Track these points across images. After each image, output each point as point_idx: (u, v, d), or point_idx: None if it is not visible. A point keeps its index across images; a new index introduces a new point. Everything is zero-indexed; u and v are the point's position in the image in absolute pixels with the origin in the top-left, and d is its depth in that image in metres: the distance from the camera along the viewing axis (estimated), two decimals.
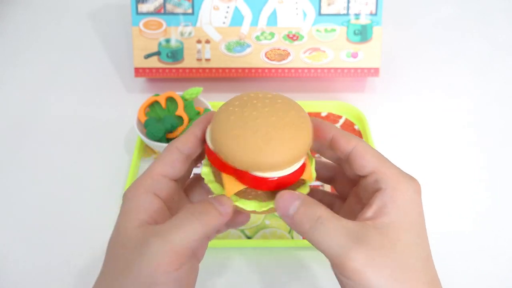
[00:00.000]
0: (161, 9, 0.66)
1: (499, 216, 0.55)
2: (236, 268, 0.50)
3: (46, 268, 0.50)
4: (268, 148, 0.30)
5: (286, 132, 0.31)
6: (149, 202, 0.32)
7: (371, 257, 0.28)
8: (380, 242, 0.29)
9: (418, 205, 0.31)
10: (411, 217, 0.30)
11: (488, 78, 0.73)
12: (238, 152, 0.30)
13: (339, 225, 0.29)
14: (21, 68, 0.75)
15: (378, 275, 0.28)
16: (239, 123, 0.31)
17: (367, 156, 0.33)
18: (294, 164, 0.32)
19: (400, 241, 0.29)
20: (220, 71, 0.67)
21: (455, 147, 0.62)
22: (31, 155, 0.61)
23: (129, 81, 0.71)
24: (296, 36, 0.66)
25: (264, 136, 0.30)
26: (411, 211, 0.31)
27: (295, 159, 0.31)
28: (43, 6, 0.87)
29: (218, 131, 0.32)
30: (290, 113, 0.32)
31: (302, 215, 0.30)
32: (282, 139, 0.30)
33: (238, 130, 0.31)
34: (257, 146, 0.30)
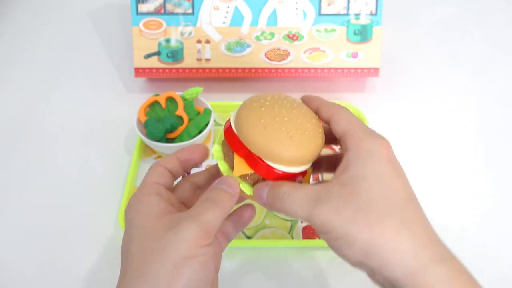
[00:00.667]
0: (161, 9, 0.66)
1: (499, 215, 0.55)
2: (236, 268, 0.50)
3: (46, 268, 0.50)
4: (289, 143, 0.34)
5: (306, 137, 0.35)
6: (157, 200, 0.35)
7: (333, 208, 0.32)
8: (340, 194, 0.32)
9: (382, 158, 0.33)
10: (373, 169, 0.33)
11: (488, 78, 0.73)
12: (261, 138, 0.34)
13: (301, 193, 0.33)
14: (21, 68, 0.75)
15: (340, 218, 0.31)
16: (269, 115, 0.35)
17: (340, 121, 0.36)
18: (302, 165, 0.35)
19: (360, 190, 0.32)
20: (220, 71, 0.67)
21: (455, 147, 0.62)
22: (31, 155, 0.61)
23: (129, 81, 0.71)
24: (296, 36, 0.66)
25: (288, 133, 0.34)
26: (373, 163, 0.33)
27: (306, 161, 0.35)
28: (43, 6, 0.87)
29: (247, 115, 0.35)
30: (312, 121, 0.36)
31: (272, 196, 0.35)
32: (302, 141, 0.34)
33: (267, 120, 0.34)
34: (280, 139, 0.34)
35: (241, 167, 0.36)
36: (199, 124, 0.57)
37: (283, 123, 0.34)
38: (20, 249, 0.51)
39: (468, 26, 0.82)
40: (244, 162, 0.35)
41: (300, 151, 0.34)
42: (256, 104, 0.36)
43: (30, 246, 0.51)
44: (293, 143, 0.34)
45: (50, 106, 0.68)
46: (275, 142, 0.34)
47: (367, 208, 0.31)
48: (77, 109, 0.67)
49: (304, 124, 0.35)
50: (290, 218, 0.53)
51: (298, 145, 0.34)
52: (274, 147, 0.34)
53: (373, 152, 0.34)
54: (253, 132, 0.34)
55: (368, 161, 0.33)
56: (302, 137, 0.34)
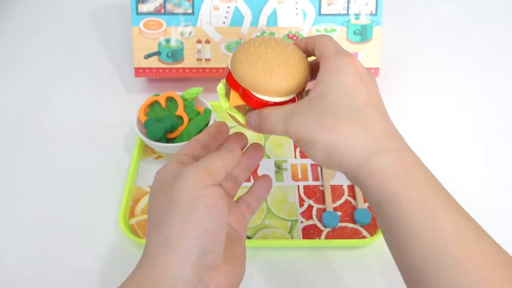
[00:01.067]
0: (161, 9, 0.66)
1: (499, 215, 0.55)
2: None
3: (46, 268, 0.50)
4: (269, 77, 0.39)
5: (287, 70, 0.40)
6: (174, 165, 0.37)
7: (302, 119, 0.37)
8: (308, 107, 0.37)
9: (347, 72, 0.37)
10: (337, 82, 0.37)
11: (488, 78, 0.73)
12: (247, 74, 0.40)
13: (278, 112, 0.39)
14: (21, 68, 0.75)
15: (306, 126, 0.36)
16: (254, 54, 0.41)
17: (319, 46, 0.40)
18: (284, 96, 0.41)
19: (325, 101, 0.37)
20: (220, 71, 0.67)
21: (455, 147, 0.62)
22: (31, 155, 0.61)
23: (129, 81, 0.71)
24: (296, 36, 0.66)
25: (269, 67, 0.40)
26: (338, 77, 0.37)
27: (288, 92, 0.40)
28: (43, 6, 0.87)
29: (237, 56, 0.41)
30: (295, 58, 0.41)
31: (258, 120, 0.40)
32: (282, 74, 0.40)
33: (252, 58, 0.40)
34: (262, 73, 0.40)
35: (235, 99, 0.42)
36: (199, 124, 0.57)
37: (266, 60, 0.40)
38: (20, 249, 0.51)
39: (468, 26, 0.82)
40: (237, 95, 0.42)
41: (280, 83, 0.40)
42: (247, 45, 0.42)
43: (30, 246, 0.51)
44: (274, 77, 0.39)
45: (50, 106, 0.68)
46: (258, 77, 0.40)
47: (328, 115, 0.36)
48: (77, 109, 0.67)
49: (286, 60, 0.40)
50: (290, 218, 0.53)
51: (278, 78, 0.40)
52: (257, 80, 0.40)
53: (339, 67, 0.37)
54: (240, 69, 0.41)
55: (334, 76, 0.37)
56: (283, 71, 0.40)
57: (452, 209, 0.34)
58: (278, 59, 0.40)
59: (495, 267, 0.32)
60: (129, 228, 0.52)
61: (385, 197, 0.35)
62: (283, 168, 0.59)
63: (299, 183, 0.57)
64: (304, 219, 0.53)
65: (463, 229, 0.33)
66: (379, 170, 0.35)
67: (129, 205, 0.54)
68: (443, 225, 0.33)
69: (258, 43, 0.42)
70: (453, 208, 0.34)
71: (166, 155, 0.60)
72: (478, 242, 0.33)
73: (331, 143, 0.36)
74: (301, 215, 0.54)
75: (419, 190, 0.34)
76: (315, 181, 0.57)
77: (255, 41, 0.42)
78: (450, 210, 0.34)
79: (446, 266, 0.32)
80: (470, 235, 0.33)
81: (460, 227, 0.33)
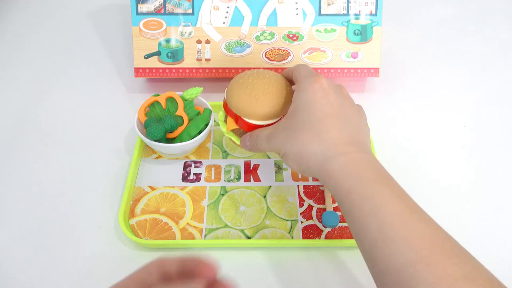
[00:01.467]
0: (161, 9, 0.66)
1: (499, 215, 0.55)
2: (236, 268, 0.50)
3: (46, 268, 0.50)
4: (256, 104, 0.48)
5: (270, 97, 0.48)
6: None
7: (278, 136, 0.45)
8: (283, 125, 0.45)
9: (313, 91, 0.44)
10: (304, 100, 0.44)
11: (487, 78, 0.73)
12: (238, 102, 0.49)
13: (263, 134, 0.47)
14: (21, 68, 0.75)
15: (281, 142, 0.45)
16: (243, 86, 0.49)
17: (295, 72, 0.48)
18: (270, 119, 0.49)
19: (294, 118, 0.44)
20: (220, 71, 0.67)
21: (455, 147, 0.62)
22: (31, 155, 0.61)
23: (129, 81, 0.72)
24: (296, 36, 0.66)
25: (255, 96, 0.48)
26: (305, 96, 0.44)
27: (272, 116, 0.49)
28: (43, 6, 0.87)
29: (230, 88, 0.50)
30: (278, 86, 0.49)
31: (250, 142, 0.49)
32: (266, 101, 0.48)
33: (242, 89, 0.49)
34: (250, 101, 0.48)
35: (231, 124, 0.51)
36: (199, 124, 0.57)
37: (253, 89, 0.48)
38: (19, 249, 0.51)
39: (468, 26, 0.82)
40: (232, 121, 0.51)
41: (265, 109, 0.48)
42: (238, 78, 0.51)
43: (29, 246, 0.51)
44: (259, 104, 0.48)
45: (50, 106, 0.68)
46: (246, 104, 0.48)
47: (295, 129, 0.43)
48: (77, 109, 0.67)
49: (269, 89, 0.48)
50: (290, 218, 0.53)
51: (263, 105, 0.48)
52: (246, 108, 0.49)
53: (306, 87, 0.44)
54: (232, 98, 0.49)
55: (302, 95, 0.44)
56: (266, 98, 0.48)
57: (397, 201, 0.38)
58: (263, 89, 0.48)
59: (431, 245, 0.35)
60: (129, 228, 0.52)
61: (341, 195, 0.40)
62: (283, 168, 0.59)
63: (299, 183, 0.57)
64: (304, 219, 0.53)
65: (405, 217, 0.36)
66: (334, 171, 0.40)
67: (129, 205, 0.54)
68: (386, 215, 0.37)
69: (247, 75, 0.50)
70: (398, 200, 0.38)
71: (166, 155, 0.60)
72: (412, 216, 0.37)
73: (297, 153, 0.43)
74: (301, 215, 0.54)
75: (367, 186, 0.39)
76: (315, 181, 0.57)
77: (245, 74, 0.50)
78: (395, 202, 0.37)
79: (390, 251, 0.35)
80: (412, 222, 0.36)
81: (402, 216, 0.37)
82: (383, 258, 0.36)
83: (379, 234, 0.36)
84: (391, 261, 0.35)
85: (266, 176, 0.58)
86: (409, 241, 0.35)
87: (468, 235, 0.52)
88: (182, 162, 0.59)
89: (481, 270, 0.34)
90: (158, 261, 0.32)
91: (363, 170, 0.40)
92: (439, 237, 0.36)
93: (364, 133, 0.45)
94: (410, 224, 0.36)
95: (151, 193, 0.56)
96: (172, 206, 0.55)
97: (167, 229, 0.52)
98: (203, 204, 0.55)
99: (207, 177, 0.58)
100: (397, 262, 0.35)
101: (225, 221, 0.53)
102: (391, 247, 0.35)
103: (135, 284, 0.31)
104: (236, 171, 0.58)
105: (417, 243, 0.35)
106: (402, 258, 0.34)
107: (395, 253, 0.35)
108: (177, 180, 0.57)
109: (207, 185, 0.57)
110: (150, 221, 0.53)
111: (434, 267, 0.33)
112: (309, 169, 0.43)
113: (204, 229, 0.52)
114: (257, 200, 0.55)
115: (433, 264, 0.33)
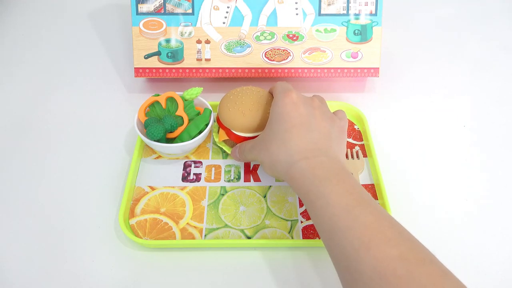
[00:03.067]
0: (161, 9, 0.66)
1: (499, 215, 0.55)
2: (236, 268, 0.50)
3: (46, 268, 0.50)
4: (242, 118, 0.55)
5: (255, 113, 0.55)
6: None
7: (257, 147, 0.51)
8: (261, 136, 0.51)
9: (283, 104, 0.49)
10: (275, 113, 0.49)
11: (487, 78, 0.73)
12: (227, 116, 0.56)
13: (247, 146, 0.53)
14: (21, 68, 0.75)
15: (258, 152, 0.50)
16: (233, 101, 0.56)
17: (274, 89, 0.54)
18: (256, 132, 0.55)
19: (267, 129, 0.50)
20: (220, 71, 0.67)
21: (455, 147, 0.62)
22: (31, 155, 0.61)
23: (129, 81, 0.72)
24: (296, 36, 0.67)
25: (242, 111, 0.55)
26: (277, 109, 0.49)
27: (257, 129, 0.55)
28: (43, 6, 0.87)
29: (221, 103, 0.57)
30: (264, 102, 0.55)
31: (239, 151, 0.55)
32: (252, 116, 0.55)
33: (231, 104, 0.56)
34: (237, 116, 0.55)
35: (222, 135, 0.58)
36: (199, 124, 0.57)
37: (240, 105, 0.55)
38: (20, 249, 0.51)
39: (468, 26, 0.82)
40: (224, 133, 0.57)
41: (251, 123, 0.54)
42: (228, 94, 0.57)
43: (29, 246, 0.51)
44: (245, 118, 0.54)
45: (50, 106, 0.68)
46: (234, 118, 0.55)
47: (267, 139, 0.49)
48: (77, 109, 0.67)
49: (255, 105, 0.55)
50: (290, 218, 0.53)
51: (249, 119, 0.54)
52: (234, 121, 0.55)
53: (278, 101, 0.49)
54: (223, 113, 0.56)
55: (274, 109, 0.50)
56: (252, 113, 0.54)
57: (345, 195, 0.41)
58: (250, 104, 0.55)
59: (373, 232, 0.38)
60: (129, 228, 0.52)
61: (302, 197, 0.44)
62: None
63: None
64: (304, 219, 0.53)
65: (351, 209, 0.40)
66: (296, 175, 0.45)
67: (129, 205, 0.54)
68: (335, 208, 0.41)
69: (237, 92, 0.57)
70: (346, 194, 0.42)
71: (166, 155, 0.60)
72: (358, 207, 0.40)
73: (270, 161, 0.48)
74: (301, 215, 0.54)
75: (320, 185, 0.43)
76: None
77: (235, 91, 0.57)
78: (343, 196, 0.41)
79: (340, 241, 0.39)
80: (357, 212, 0.40)
81: (348, 208, 0.40)
82: (334, 247, 0.40)
83: (331, 227, 0.40)
84: (341, 249, 0.39)
85: (266, 176, 0.58)
86: (354, 229, 0.39)
87: (467, 234, 0.53)
88: (182, 162, 0.59)
89: (417, 250, 0.38)
90: None
91: (318, 172, 0.44)
92: (382, 224, 0.39)
93: (331, 139, 0.48)
94: (356, 215, 0.40)
95: (151, 193, 0.56)
96: (172, 206, 0.55)
97: (167, 229, 0.52)
98: (203, 204, 0.55)
99: (207, 177, 0.58)
100: (345, 249, 0.39)
101: (225, 221, 0.53)
102: (340, 237, 0.39)
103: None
104: (236, 171, 0.58)
105: (360, 231, 0.39)
106: (349, 245, 0.39)
107: (344, 242, 0.39)
108: (177, 180, 0.57)
109: (207, 185, 0.57)
110: (150, 221, 0.53)
111: (373, 250, 0.37)
112: (279, 175, 0.48)
113: (204, 229, 0.52)
114: (257, 200, 0.55)
115: (373, 247, 0.37)
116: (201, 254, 0.51)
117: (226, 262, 0.50)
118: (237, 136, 0.56)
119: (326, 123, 0.49)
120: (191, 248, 0.51)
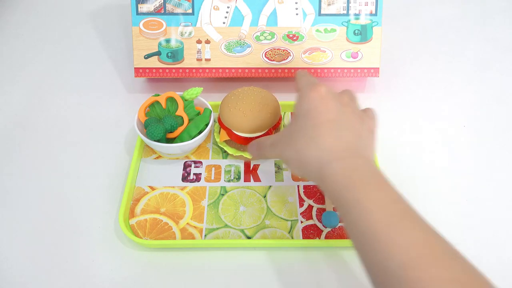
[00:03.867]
0: (161, 9, 0.66)
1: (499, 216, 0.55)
2: (236, 268, 0.50)
3: (46, 268, 0.50)
4: (243, 119, 0.55)
5: (256, 113, 0.55)
6: None
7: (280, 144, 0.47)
8: (284, 132, 0.47)
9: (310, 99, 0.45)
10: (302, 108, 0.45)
11: (487, 78, 0.73)
12: (228, 117, 0.56)
13: (267, 142, 0.49)
14: (21, 68, 0.75)
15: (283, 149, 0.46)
16: (233, 102, 0.56)
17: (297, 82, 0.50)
18: (257, 132, 0.55)
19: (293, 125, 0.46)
20: (220, 71, 0.67)
21: (455, 147, 0.62)
22: (31, 155, 0.61)
23: (129, 81, 0.72)
24: (296, 36, 0.66)
25: (243, 112, 0.55)
26: (303, 105, 0.45)
27: (258, 129, 0.55)
28: (43, 6, 0.87)
29: (222, 104, 0.58)
30: (265, 102, 0.56)
31: (257, 149, 0.51)
32: (252, 116, 0.55)
33: (232, 105, 0.56)
34: (238, 117, 0.55)
35: (223, 135, 0.58)
36: (199, 124, 0.57)
37: (241, 106, 0.55)
38: (19, 249, 0.51)
39: (468, 26, 0.82)
40: (225, 133, 0.57)
41: (251, 123, 0.55)
42: (230, 95, 0.58)
43: (29, 246, 0.51)
44: (246, 119, 0.55)
45: (50, 106, 0.68)
46: (235, 119, 0.55)
47: (293, 136, 0.45)
48: (77, 109, 0.67)
49: (256, 106, 0.55)
50: (290, 218, 0.53)
51: (250, 120, 0.55)
52: (235, 122, 0.55)
53: (304, 96, 0.45)
54: (224, 113, 0.56)
55: (300, 103, 0.46)
56: (253, 114, 0.55)
57: (386, 204, 0.38)
58: (250, 105, 0.55)
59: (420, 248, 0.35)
60: (129, 228, 0.52)
61: (334, 199, 0.41)
62: (283, 168, 0.59)
63: (299, 183, 0.57)
64: (304, 219, 0.53)
65: (395, 220, 0.37)
66: (329, 177, 0.41)
67: (129, 205, 0.54)
68: (373, 219, 0.37)
69: (238, 92, 0.57)
70: (387, 203, 0.38)
71: (166, 155, 0.60)
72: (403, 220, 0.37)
73: (297, 159, 0.44)
74: (301, 215, 0.54)
75: (355, 190, 0.39)
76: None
77: (236, 91, 0.57)
78: (383, 205, 0.37)
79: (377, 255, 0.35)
80: (401, 225, 0.36)
81: (391, 219, 0.37)
82: (371, 260, 0.36)
83: (369, 237, 0.36)
84: (379, 264, 0.35)
85: (266, 176, 0.58)
86: (397, 244, 0.35)
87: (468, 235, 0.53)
88: (182, 162, 0.59)
89: (472, 272, 0.34)
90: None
91: (354, 175, 0.40)
92: (430, 241, 0.35)
93: (364, 139, 0.45)
94: (399, 228, 0.36)
95: (151, 193, 0.56)
96: (172, 206, 0.55)
97: (167, 229, 0.52)
98: (203, 204, 0.55)
99: (207, 177, 0.58)
100: (384, 265, 0.35)
101: (225, 221, 0.53)
102: (379, 250, 0.35)
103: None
104: (236, 171, 0.58)
105: (405, 246, 0.35)
106: (390, 262, 0.34)
107: (382, 256, 0.35)
108: (177, 180, 0.57)
109: (207, 185, 0.57)
110: (150, 221, 0.53)
111: (420, 270, 0.33)
112: (309, 174, 0.44)
113: (204, 229, 0.52)
114: (257, 200, 0.55)
115: (420, 266, 0.33)
116: (201, 254, 0.51)
117: (226, 262, 0.50)
118: (238, 137, 0.56)
119: (357, 121, 0.45)
120: (191, 248, 0.51)
